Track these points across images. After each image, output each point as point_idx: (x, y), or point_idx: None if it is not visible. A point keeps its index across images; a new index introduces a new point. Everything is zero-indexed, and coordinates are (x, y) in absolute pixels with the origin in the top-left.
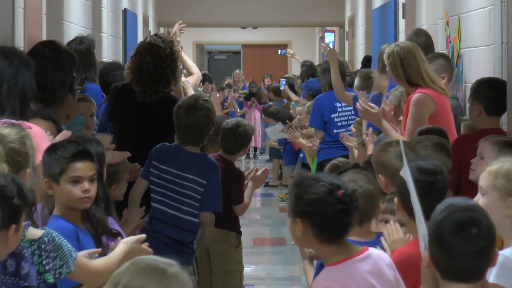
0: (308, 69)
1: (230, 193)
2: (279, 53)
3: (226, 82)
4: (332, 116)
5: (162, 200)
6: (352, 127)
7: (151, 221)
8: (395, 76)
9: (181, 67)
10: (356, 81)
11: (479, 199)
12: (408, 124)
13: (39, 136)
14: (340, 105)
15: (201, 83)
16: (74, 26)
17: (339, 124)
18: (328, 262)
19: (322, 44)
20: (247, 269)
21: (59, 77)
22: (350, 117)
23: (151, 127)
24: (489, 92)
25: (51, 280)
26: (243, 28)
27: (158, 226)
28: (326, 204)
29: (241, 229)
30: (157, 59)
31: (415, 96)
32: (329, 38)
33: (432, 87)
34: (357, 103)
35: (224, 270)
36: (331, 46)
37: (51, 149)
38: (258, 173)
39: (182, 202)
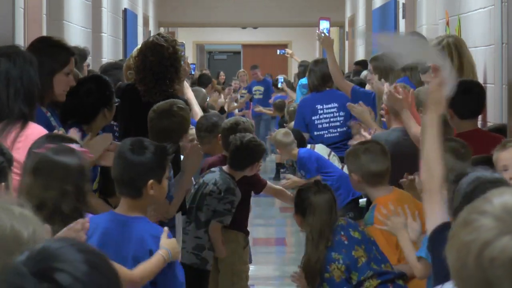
0: (306, 70)
1: (251, 186)
2: (278, 53)
3: (234, 85)
4: (313, 118)
5: None
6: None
7: None
8: None
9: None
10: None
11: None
12: None
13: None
14: (321, 107)
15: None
16: (74, 26)
17: (320, 126)
18: None
19: (317, 32)
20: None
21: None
22: (331, 119)
23: None
24: (456, 96)
25: None
26: (243, 28)
27: None
28: None
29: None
30: (160, 58)
31: None
32: (324, 25)
33: None
34: (385, 84)
35: (232, 270)
36: (326, 32)
37: (156, 150)
38: None
39: None
